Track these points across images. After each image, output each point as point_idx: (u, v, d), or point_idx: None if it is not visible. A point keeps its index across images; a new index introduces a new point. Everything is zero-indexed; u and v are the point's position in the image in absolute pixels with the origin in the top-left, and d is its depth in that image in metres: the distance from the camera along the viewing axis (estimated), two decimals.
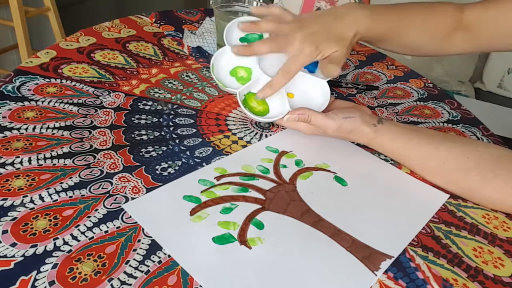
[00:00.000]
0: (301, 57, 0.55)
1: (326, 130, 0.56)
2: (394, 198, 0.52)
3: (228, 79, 0.60)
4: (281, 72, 0.55)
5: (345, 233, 0.46)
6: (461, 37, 0.64)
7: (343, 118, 0.55)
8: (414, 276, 0.43)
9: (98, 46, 0.73)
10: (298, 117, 0.55)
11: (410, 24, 0.62)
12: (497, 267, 0.45)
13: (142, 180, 0.48)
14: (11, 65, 1.85)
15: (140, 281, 0.37)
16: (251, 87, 0.59)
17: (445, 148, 0.53)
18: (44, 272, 0.37)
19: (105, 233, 0.41)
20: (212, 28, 0.84)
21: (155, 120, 0.59)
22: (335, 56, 0.56)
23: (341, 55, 0.56)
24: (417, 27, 0.63)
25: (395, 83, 0.81)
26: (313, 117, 0.55)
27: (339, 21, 0.57)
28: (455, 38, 0.64)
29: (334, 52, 0.56)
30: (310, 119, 0.55)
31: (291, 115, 0.55)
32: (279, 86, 0.55)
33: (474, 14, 0.62)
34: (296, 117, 0.55)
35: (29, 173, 0.46)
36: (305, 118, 0.55)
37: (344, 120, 0.55)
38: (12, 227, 0.40)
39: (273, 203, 0.48)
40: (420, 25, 0.63)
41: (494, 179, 0.50)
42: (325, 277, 0.41)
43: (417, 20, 0.63)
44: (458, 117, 0.73)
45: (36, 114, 0.55)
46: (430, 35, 0.64)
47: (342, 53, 0.56)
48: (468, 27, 0.62)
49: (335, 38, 0.56)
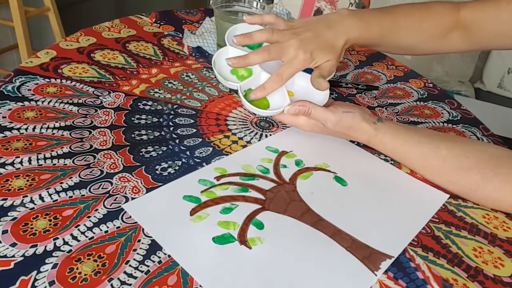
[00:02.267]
0: (295, 63, 0.55)
1: (326, 124, 0.56)
2: (394, 198, 0.52)
3: (228, 77, 0.60)
4: (274, 76, 0.56)
5: (345, 233, 0.46)
6: (458, 36, 0.64)
7: (343, 112, 0.55)
8: (414, 276, 0.43)
9: (98, 46, 0.73)
10: (299, 108, 0.55)
11: (405, 27, 0.63)
12: (497, 267, 0.45)
13: (142, 180, 0.48)
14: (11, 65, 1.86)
15: (140, 281, 0.37)
16: (252, 84, 0.59)
17: (445, 147, 0.53)
18: (44, 272, 0.37)
19: (105, 233, 0.41)
20: (212, 28, 0.84)
21: (155, 120, 0.59)
22: (326, 65, 0.57)
23: (332, 65, 0.58)
24: (412, 29, 0.63)
25: (395, 83, 0.81)
26: (314, 109, 0.55)
27: (331, 30, 0.58)
28: (451, 37, 0.64)
29: (326, 62, 0.57)
30: (310, 112, 0.55)
31: (291, 107, 0.55)
32: (270, 90, 0.56)
33: (471, 13, 0.62)
34: (297, 108, 0.55)
35: (29, 173, 0.46)
36: (305, 110, 0.55)
37: (344, 114, 0.55)
38: (12, 227, 0.40)
39: (273, 203, 0.48)
40: (416, 27, 0.63)
41: (495, 178, 0.50)
42: (325, 277, 0.41)
43: (412, 22, 0.63)
44: (458, 117, 0.73)
45: (36, 114, 0.55)
46: (426, 36, 0.64)
47: (333, 63, 0.58)
48: (465, 27, 0.62)
49: (327, 47, 0.57)
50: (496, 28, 0.60)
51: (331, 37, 0.57)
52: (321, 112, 0.55)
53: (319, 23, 0.58)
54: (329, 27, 0.58)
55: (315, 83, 0.57)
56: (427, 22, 0.63)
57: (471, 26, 0.62)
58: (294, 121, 0.58)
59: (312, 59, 0.56)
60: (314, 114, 0.55)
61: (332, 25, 0.58)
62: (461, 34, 0.63)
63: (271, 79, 0.56)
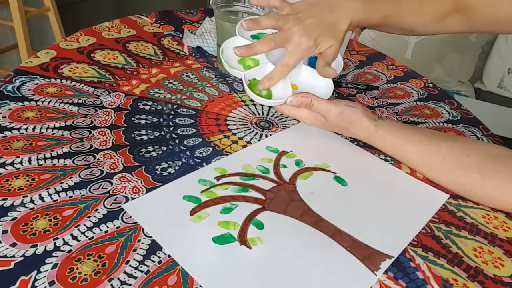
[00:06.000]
0: (299, 51, 0.55)
1: (327, 116, 0.56)
2: (394, 198, 0.52)
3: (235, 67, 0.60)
4: (280, 66, 0.56)
5: (345, 233, 0.46)
6: (457, 19, 0.63)
7: (346, 105, 0.56)
8: (414, 276, 0.43)
9: (98, 46, 0.73)
10: (301, 100, 0.55)
11: (407, 10, 0.62)
12: (497, 267, 0.45)
13: (142, 180, 0.48)
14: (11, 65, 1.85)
15: (140, 281, 0.37)
16: (257, 73, 0.59)
17: (446, 145, 0.53)
18: (44, 272, 0.37)
19: (105, 233, 0.41)
20: (212, 28, 0.84)
21: (155, 120, 0.59)
22: (330, 51, 0.57)
23: (335, 50, 0.57)
24: (414, 12, 0.63)
25: (395, 83, 0.81)
26: (316, 101, 0.55)
27: (333, 13, 0.57)
28: (451, 19, 0.64)
29: (329, 47, 0.57)
30: (312, 103, 0.55)
31: (294, 98, 0.55)
32: (277, 79, 0.56)
33: None
34: (299, 100, 0.55)
35: (29, 173, 0.46)
36: (307, 101, 0.55)
37: (346, 107, 0.56)
38: (12, 227, 0.40)
39: (273, 203, 0.48)
40: (417, 9, 0.63)
41: (495, 176, 0.50)
42: (325, 277, 0.41)
43: (414, 5, 0.63)
44: (458, 117, 0.73)
45: (36, 114, 0.55)
46: (427, 19, 0.64)
47: (337, 48, 0.57)
48: (465, 10, 0.62)
49: (330, 32, 0.57)
50: (495, 14, 0.60)
51: (334, 21, 0.57)
52: (323, 104, 0.56)
53: (322, 6, 0.58)
54: (332, 10, 0.57)
55: (322, 71, 0.57)
56: (428, 5, 0.63)
57: (471, 10, 0.62)
58: (295, 113, 0.58)
59: (316, 45, 0.56)
60: (316, 106, 0.56)
61: (335, 8, 0.58)
62: (460, 17, 0.63)
63: (277, 69, 0.56)
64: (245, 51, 0.55)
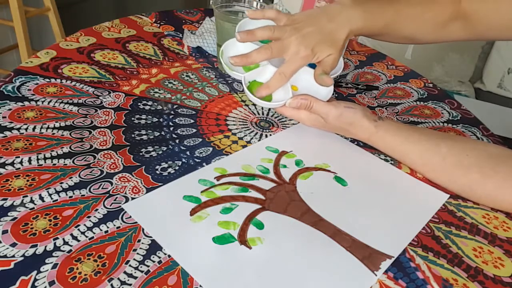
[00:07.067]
0: (296, 60, 0.55)
1: (327, 118, 0.56)
2: (394, 198, 0.52)
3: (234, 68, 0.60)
4: (277, 75, 0.56)
5: (345, 233, 0.46)
6: (458, 26, 0.64)
7: (345, 107, 0.56)
8: (414, 276, 0.43)
9: (98, 46, 0.73)
10: (301, 102, 0.55)
11: (407, 18, 0.62)
12: (497, 267, 0.45)
13: (142, 180, 0.48)
14: (11, 65, 1.85)
15: (140, 281, 0.37)
16: (256, 75, 0.59)
17: (445, 145, 0.53)
18: (44, 272, 0.37)
19: (105, 233, 0.41)
20: (212, 28, 0.84)
21: (155, 120, 0.59)
22: (328, 60, 0.57)
23: (334, 59, 0.57)
24: (414, 19, 0.63)
25: (395, 83, 0.81)
26: (315, 103, 0.56)
27: (332, 22, 0.57)
28: (451, 27, 0.64)
29: (328, 56, 0.57)
30: (312, 105, 0.56)
31: (293, 100, 0.56)
32: (274, 88, 0.56)
33: (472, 4, 0.62)
34: (299, 102, 0.55)
35: (29, 173, 0.46)
36: (307, 103, 0.55)
37: (345, 109, 0.56)
38: (12, 227, 0.40)
39: (273, 203, 0.48)
40: (418, 17, 0.63)
41: (495, 176, 0.50)
42: (325, 277, 0.41)
43: (415, 13, 0.63)
44: (458, 117, 0.73)
45: (36, 114, 0.55)
46: (428, 26, 0.64)
47: (336, 57, 0.57)
48: (465, 17, 0.62)
49: (329, 41, 0.56)
50: (495, 20, 0.60)
51: (332, 30, 0.57)
52: (323, 106, 0.56)
53: (321, 15, 0.58)
54: (331, 19, 0.57)
55: (319, 80, 0.57)
56: (429, 13, 0.63)
57: (471, 17, 0.62)
58: (295, 115, 0.58)
59: (313, 54, 0.56)
60: (316, 108, 0.56)
61: (334, 17, 0.57)
62: (461, 24, 0.63)
63: (275, 77, 0.56)
64: (240, 61, 0.55)
